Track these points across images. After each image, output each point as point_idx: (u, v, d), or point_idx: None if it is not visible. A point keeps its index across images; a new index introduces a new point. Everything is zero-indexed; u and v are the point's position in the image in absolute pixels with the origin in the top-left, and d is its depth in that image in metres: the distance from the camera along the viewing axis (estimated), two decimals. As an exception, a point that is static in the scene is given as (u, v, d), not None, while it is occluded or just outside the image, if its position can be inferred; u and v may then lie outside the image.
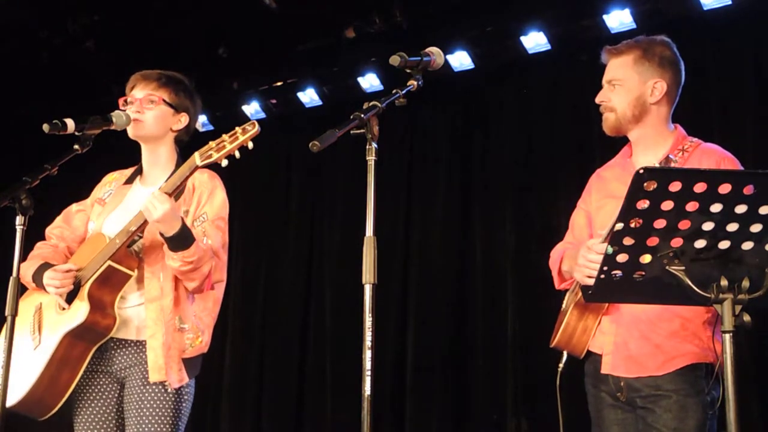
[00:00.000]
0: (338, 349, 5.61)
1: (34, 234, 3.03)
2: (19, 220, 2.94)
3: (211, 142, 2.89)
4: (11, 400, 2.92)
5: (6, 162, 5.51)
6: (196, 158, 2.88)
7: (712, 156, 2.84)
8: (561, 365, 2.92)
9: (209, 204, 3.09)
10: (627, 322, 2.79)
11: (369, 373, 2.34)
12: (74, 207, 3.33)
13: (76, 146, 3.07)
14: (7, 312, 2.90)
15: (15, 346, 3.03)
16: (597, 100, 2.97)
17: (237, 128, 2.84)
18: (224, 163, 2.86)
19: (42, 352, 2.96)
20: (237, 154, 2.86)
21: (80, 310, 2.92)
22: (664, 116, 2.92)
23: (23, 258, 2.97)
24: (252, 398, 5.91)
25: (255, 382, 5.92)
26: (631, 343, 2.78)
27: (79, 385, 2.99)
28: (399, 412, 5.34)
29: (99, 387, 3.05)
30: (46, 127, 3.03)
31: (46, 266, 3.06)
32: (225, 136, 2.85)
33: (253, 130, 2.82)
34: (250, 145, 2.84)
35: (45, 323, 3.04)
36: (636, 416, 2.78)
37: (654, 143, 2.88)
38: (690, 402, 2.67)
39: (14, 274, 2.94)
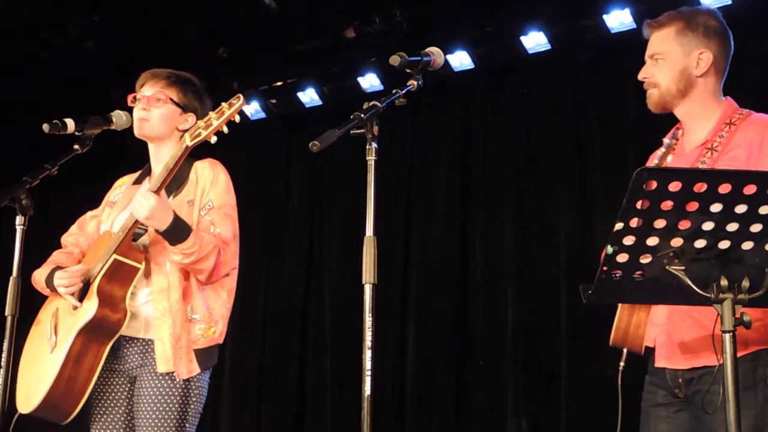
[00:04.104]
0: (338, 349, 5.61)
1: (35, 234, 3.04)
2: (19, 220, 2.96)
3: (199, 122, 2.90)
4: (32, 404, 2.94)
5: (6, 162, 5.51)
6: (186, 139, 2.89)
7: (757, 127, 2.63)
8: (622, 363, 2.72)
9: (213, 190, 3.09)
10: (679, 310, 2.59)
11: (369, 373, 2.34)
12: (88, 214, 3.35)
13: (76, 146, 3.09)
14: (7, 312, 2.91)
15: (35, 353, 3.09)
16: (640, 76, 2.80)
17: (223, 103, 2.85)
18: (213, 139, 2.86)
19: (58, 353, 2.96)
20: (225, 129, 2.86)
21: (90, 307, 2.93)
22: (711, 89, 2.74)
23: (23, 258, 2.97)
24: (252, 398, 5.91)
25: (255, 381, 5.92)
26: (683, 331, 2.59)
27: (96, 385, 2.98)
28: (399, 412, 5.35)
29: (113, 387, 3.05)
30: (46, 127, 3.05)
31: (57, 269, 3.07)
32: (212, 113, 2.86)
33: (239, 102, 2.83)
34: (237, 118, 2.84)
35: (60, 325, 3.05)
36: (689, 415, 2.60)
37: (702, 118, 2.72)
38: (745, 397, 2.30)
39: (14, 274, 2.95)
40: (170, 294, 2.98)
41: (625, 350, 2.76)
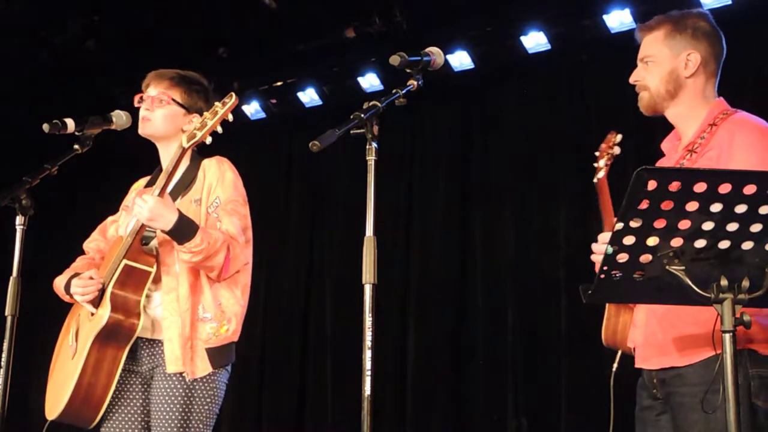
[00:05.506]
0: (338, 349, 5.62)
1: (35, 234, 3.04)
2: (19, 220, 2.96)
3: (195, 122, 2.92)
4: (57, 410, 2.96)
5: (6, 162, 5.51)
6: (183, 140, 2.91)
7: (730, 126, 2.61)
8: (615, 364, 2.75)
9: (220, 187, 3.09)
10: (657, 311, 2.59)
11: (369, 373, 2.34)
12: (109, 219, 3.35)
13: (76, 146, 3.09)
14: (7, 312, 2.91)
15: (61, 359, 3.12)
16: (631, 80, 2.79)
17: (216, 103, 2.87)
18: (208, 140, 2.88)
19: (77, 359, 2.97)
20: (219, 129, 2.88)
21: (103, 314, 2.93)
22: (701, 90, 2.72)
23: (23, 258, 2.97)
24: (252, 398, 5.91)
25: (255, 382, 5.92)
26: (659, 332, 2.58)
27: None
28: (399, 412, 5.35)
29: (127, 387, 3.06)
30: (46, 127, 3.05)
31: (75, 276, 3.08)
32: (206, 113, 2.88)
33: (231, 101, 2.84)
34: (230, 117, 2.86)
35: (80, 332, 3.06)
36: (669, 417, 2.59)
37: (691, 119, 2.71)
38: (714, 399, 2.31)
39: (14, 274, 2.95)
40: (179, 294, 2.98)
41: (619, 352, 2.76)
